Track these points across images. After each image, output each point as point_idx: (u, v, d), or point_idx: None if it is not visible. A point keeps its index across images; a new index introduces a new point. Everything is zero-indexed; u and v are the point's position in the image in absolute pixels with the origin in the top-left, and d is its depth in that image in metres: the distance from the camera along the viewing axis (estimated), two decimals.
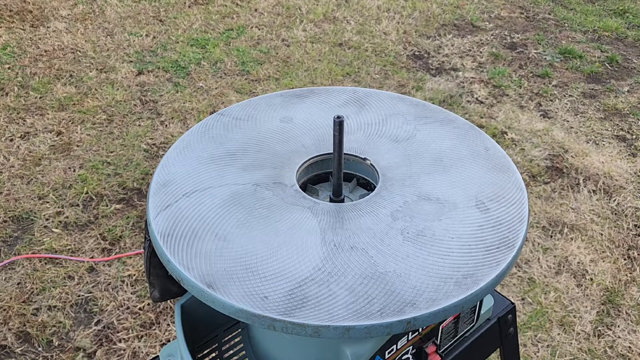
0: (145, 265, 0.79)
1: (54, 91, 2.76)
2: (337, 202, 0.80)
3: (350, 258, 0.67)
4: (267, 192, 0.78)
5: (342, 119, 0.72)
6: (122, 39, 3.24)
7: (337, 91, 1.03)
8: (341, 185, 0.79)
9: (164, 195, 0.77)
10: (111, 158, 2.35)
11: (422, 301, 0.61)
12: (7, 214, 2.06)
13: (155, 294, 0.81)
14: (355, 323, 0.59)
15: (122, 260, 1.90)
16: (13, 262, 1.88)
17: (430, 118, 0.95)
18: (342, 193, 0.80)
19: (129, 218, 2.06)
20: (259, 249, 0.68)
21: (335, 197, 0.80)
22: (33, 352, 1.63)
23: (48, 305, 1.75)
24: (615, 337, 1.73)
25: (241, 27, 3.43)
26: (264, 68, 3.02)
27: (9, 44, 3.14)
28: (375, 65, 3.11)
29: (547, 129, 2.64)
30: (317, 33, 3.41)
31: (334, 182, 0.78)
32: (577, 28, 3.60)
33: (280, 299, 0.61)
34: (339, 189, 0.79)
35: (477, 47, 3.35)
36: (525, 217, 0.75)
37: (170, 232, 0.71)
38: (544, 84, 3.02)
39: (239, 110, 0.97)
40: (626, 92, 2.98)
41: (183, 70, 2.98)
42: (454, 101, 2.82)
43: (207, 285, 0.63)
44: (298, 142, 0.88)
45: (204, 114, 2.63)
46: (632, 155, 2.51)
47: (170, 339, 1.67)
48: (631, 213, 2.19)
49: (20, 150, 2.37)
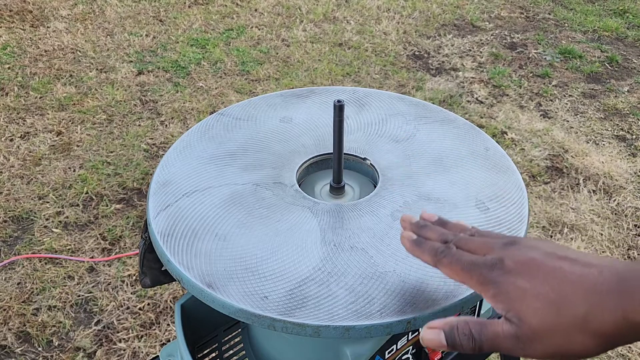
0: (140, 259, 0.79)
1: (54, 91, 2.76)
2: (337, 188, 0.79)
3: (350, 258, 0.67)
4: (267, 192, 0.78)
5: (343, 103, 0.72)
6: (122, 39, 3.24)
7: (337, 91, 1.03)
8: (341, 172, 0.78)
9: (164, 195, 0.77)
10: (111, 158, 2.35)
11: (422, 301, 0.61)
12: (7, 214, 2.06)
13: (147, 281, 0.82)
14: (355, 323, 0.59)
15: (122, 260, 1.90)
16: (13, 262, 1.88)
17: (430, 118, 0.95)
18: (342, 180, 0.79)
19: (129, 218, 2.06)
20: (259, 248, 0.68)
21: (336, 184, 0.79)
22: (33, 352, 1.63)
23: (48, 305, 1.75)
24: None
25: (241, 27, 3.43)
26: (264, 68, 3.02)
27: (9, 44, 3.14)
28: (375, 65, 3.11)
29: (547, 129, 2.64)
30: (317, 33, 3.41)
31: (335, 168, 0.78)
32: (577, 28, 3.60)
33: (280, 299, 0.61)
34: (339, 176, 0.78)
35: (477, 47, 3.35)
36: (525, 217, 0.75)
37: (170, 232, 0.71)
38: (544, 84, 3.02)
39: (239, 110, 0.97)
40: (626, 92, 2.98)
41: (183, 70, 2.98)
42: (454, 101, 2.82)
43: (207, 285, 0.63)
44: (298, 142, 0.88)
45: (204, 114, 2.63)
46: (632, 155, 2.51)
47: (170, 339, 1.67)
48: (631, 213, 2.19)
49: (20, 150, 2.37)
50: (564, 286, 0.43)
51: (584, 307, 0.41)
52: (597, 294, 0.41)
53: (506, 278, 0.46)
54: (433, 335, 0.48)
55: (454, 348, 0.47)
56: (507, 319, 0.45)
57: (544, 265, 0.45)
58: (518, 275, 0.45)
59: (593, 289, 0.41)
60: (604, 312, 0.40)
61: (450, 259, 0.51)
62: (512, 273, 0.46)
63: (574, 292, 0.42)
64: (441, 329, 0.48)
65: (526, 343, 0.44)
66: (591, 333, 0.41)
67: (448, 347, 0.47)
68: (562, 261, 0.45)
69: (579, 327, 0.41)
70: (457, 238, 0.53)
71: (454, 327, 0.47)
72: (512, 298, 0.45)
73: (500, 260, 0.47)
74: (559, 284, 0.43)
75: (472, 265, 0.49)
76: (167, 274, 0.78)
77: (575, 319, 0.42)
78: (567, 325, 0.42)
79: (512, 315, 0.45)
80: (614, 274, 0.42)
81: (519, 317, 0.44)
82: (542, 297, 0.43)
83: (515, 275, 0.45)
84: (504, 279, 0.46)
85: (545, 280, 0.44)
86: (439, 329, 0.48)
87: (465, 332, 0.47)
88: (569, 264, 0.44)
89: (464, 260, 0.50)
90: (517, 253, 0.47)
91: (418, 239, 0.56)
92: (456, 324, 0.48)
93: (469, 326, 0.47)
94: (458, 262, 0.50)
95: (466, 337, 0.47)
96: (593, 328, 0.41)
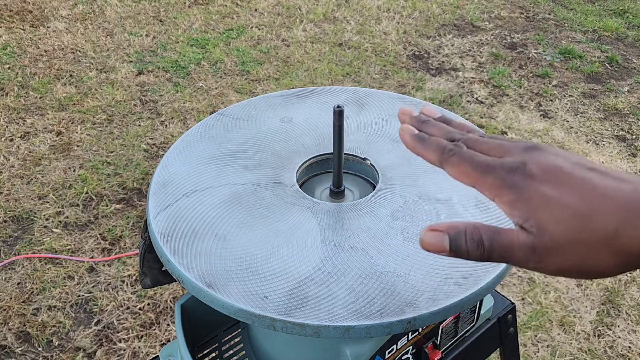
0: (140, 259, 0.79)
1: (54, 91, 2.76)
2: (337, 192, 0.79)
3: (350, 258, 0.67)
4: (267, 192, 0.78)
5: (342, 108, 0.72)
6: (122, 39, 3.24)
7: (337, 91, 1.03)
8: (341, 176, 0.78)
9: (164, 195, 0.77)
10: (111, 158, 2.35)
11: (422, 301, 0.61)
12: (7, 214, 2.06)
13: (147, 281, 0.82)
14: (355, 323, 0.59)
15: (122, 260, 1.90)
16: (13, 262, 1.88)
17: None
18: (342, 184, 0.79)
19: (129, 218, 2.06)
20: (259, 248, 0.68)
21: (336, 188, 0.79)
22: (33, 352, 1.63)
23: (48, 305, 1.75)
24: (615, 337, 1.73)
25: (241, 27, 3.43)
26: (264, 68, 3.02)
27: (9, 44, 3.14)
28: (375, 65, 3.11)
29: (547, 129, 2.64)
30: (317, 33, 3.41)
31: (335, 172, 0.78)
32: (577, 28, 3.60)
33: (280, 299, 0.61)
34: (339, 179, 0.78)
35: (477, 47, 3.35)
36: None
37: (170, 232, 0.70)
38: (544, 84, 3.02)
39: (239, 110, 0.97)
40: (626, 92, 2.98)
41: (183, 70, 2.98)
42: (454, 101, 2.82)
43: (207, 285, 0.63)
44: (298, 142, 0.88)
45: (204, 114, 2.63)
46: (632, 155, 2.51)
47: (170, 339, 1.67)
48: None
49: (20, 150, 2.37)
50: (594, 199, 0.39)
51: (615, 223, 0.38)
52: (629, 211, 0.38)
53: (529, 183, 0.41)
54: (435, 239, 0.43)
55: (457, 254, 0.42)
56: (523, 228, 0.41)
57: (572, 175, 0.41)
58: (543, 182, 0.41)
59: (626, 205, 0.38)
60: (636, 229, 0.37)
61: (460, 157, 0.45)
62: (537, 179, 0.41)
63: (605, 206, 0.39)
64: (446, 232, 0.43)
65: (542, 255, 0.40)
66: (617, 250, 0.38)
67: (451, 252, 0.42)
68: (592, 172, 0.41)
69: (606, 242, 0.38)
70: (466, 137, 0.47)
71: (462, 231, 0.42)
72: (533, 206, 0.40)
73: (523, 164, 0.42)
74: (590, 195, 0.39)
75: (488, 166, 0.43)
76: (167, 274, 0.78)
77: (603, 234, 0.38)
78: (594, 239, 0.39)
79: (531, 224, 0.40)
80: None
81: (540, 227, 0.40)
82: (570, 208, 0.39)
83: (540, 181, 0.41)
84: (526, 185, 0.41)
85: (574, 190, 0.40)
86: (444, 232, 0.43)
87: (474, 237, 0.42)
88: (600, 177, 0.40)
89: (477, 160, 0.44)
90: (541, 158, 0.42)
91: (420, 134, 0.49)
92: (464, 228, 0.43)
93: (479, 231, 0.42)
94: (470, 161, 0.44)
95: (475, 243, 0.42)
96: (620, 245, 0.38)
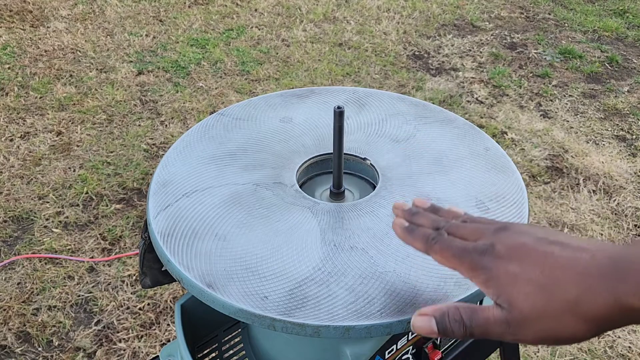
0: (140, 259, 0.79)
1: (54, 91, 2.76)
2: (337, 194, 0.79)
3: (350, 258, 0.67)
4: (267, 192, 0.78)
5: (343, 109, 0.72)
6: (122, 39, 3.24)
7: (337, 91, 1.03)
8: (342, 177, 0.78)
9: (164, 195, 0.77)
10: (111, 158, 2.35)
11: (422, 301, 0.61)
12: (7, 214, 2.06)
13: (147, 281, 0.82)
14: (355, 323, 0.59)
15: (122, 260, 1.90)
16: (13, 262, 1.88)
17: (430, 118, 0.95)
18: (342, 185, 0.79)
19: (129, 218, 2.06)
20: (259, 248, 0.68)
21: (336, 189, 0.79)
22: (33, 352, 1.63)
23: (48, 305, 1.75)
24: (615, 337, 1.73)
25: (241, 27, 3.43)
26: (264, 68, 3.02)
27: (9, 44, 3.14)
28: (375, 65, 3.11)
29: (547, 129, 2.64)
30: (317, 33, 3.41)
31: (335, 173, 0.78)
32: (577, 28, 3.60)
33: (280, 299, 0.61)
34: (339, 181, 0.78)
35: (477, 47, 3.35)
36: (525, 217, 0.75)
37: (170, 232, 0.70)
38: (544, 84, 3.02)
39: (239, 110, 0.97)
40: (626, 92, 2.98)
41: (183, 70, 2.98)
42: (454, 101, 2.82)
43: (207, 285, 0.63)
44: (298, 142, 0.88)
45: (204, 114, 2.63)
46: (632, 155, 2.51)
47: (170, 339, 1.67)
48: (631, 213, 2.19)
49: (20, 150, 2.37)
50: (555, 270, 0.42)
51: (576, 291, 0.41)
52: (589, 278, 0.40)
53: (497, 263, 0.45)
54: (424, 323, 0.48)
55: (444, 334, 0.47)
56: (497, 305, 0.45)
57: (535, 250, 0.44)
58: (509, 260, 0.45)
59: (585, 273, 0.41)
60: (595, 295, 0.40)
61: (441, 245, 0.50)
62: (503, 258, 0.45)
63: (565, 276, 0.41)
64: (432, 316, 0.47)
65: (516, 328, 0.43)
66: (582, 317, 0.41)
67: (439, 333, 0.47)
68: (553, 245, 0.44)
69: (570, 311, 0.41)
70: (449, 224, 0.52)
71: (445, 313, 0.47)
72: (502, 283, 0.44)
73: (492, 246, 0.46)
74: (550, 268, 0.42)
75: (463, 251, 0.48)
76: (167, 274, 0.78)
77: (566, 303, 0.41)
78: (558, 309, 0.41)
79: (502, 300, 0.44)
80: (606, 258, 0.41)
81: (510, 302, 0.44)
82: (533, 282, 0.43)
83: (506, 260, 0.45)
84: (494, 265, 0.45)
85: (535, 264, 0.43)
86: (430, 315, 0.47)
87: (456, 318, 0.46)
88: (560, 248, 0.43)
89: (454, 246, 0.49)
90: (508, 238, 0.46)
91: (410, 226, 0.55)
92: (447, 310, 0.47)
93: (459, 312, 0.46)
94: (449, 248, 0.49)
95: (457, 323, 0.46)
96: (584, 312, 0.40)
